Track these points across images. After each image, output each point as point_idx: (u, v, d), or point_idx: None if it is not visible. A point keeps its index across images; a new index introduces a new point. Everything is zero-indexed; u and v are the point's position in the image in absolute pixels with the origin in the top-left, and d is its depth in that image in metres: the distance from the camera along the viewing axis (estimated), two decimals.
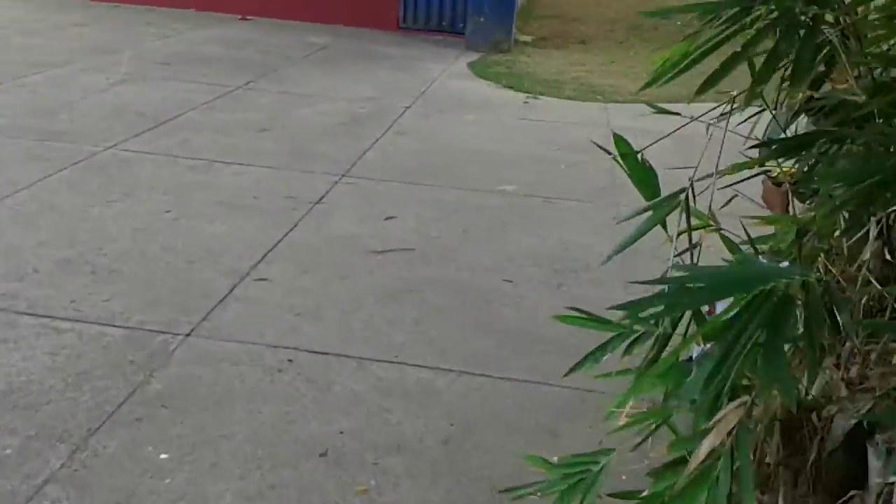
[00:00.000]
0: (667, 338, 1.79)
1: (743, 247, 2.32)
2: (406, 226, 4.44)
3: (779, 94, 2.31)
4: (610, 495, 1.80)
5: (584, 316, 1.88)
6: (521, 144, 6.03)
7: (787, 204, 2.88)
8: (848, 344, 1.74)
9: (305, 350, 3.21)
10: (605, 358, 1.79)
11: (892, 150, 1.73)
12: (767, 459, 1.82)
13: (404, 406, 2.91)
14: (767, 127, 2.47)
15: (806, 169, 2.21)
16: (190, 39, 9.11)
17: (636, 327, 1.79)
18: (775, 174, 2.95)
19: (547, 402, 3.01)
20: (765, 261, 1.79)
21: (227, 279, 3.73)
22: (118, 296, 3.49)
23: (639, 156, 1.88)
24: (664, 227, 1.94)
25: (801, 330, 1.45)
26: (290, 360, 3.13)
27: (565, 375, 1.85)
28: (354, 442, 2.70)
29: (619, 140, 1.85)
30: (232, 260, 3.92)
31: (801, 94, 2.05)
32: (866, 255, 1.77)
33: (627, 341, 1.80)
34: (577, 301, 3.80)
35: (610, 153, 1.98)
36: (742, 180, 2.39)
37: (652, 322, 1.76)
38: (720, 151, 2.01)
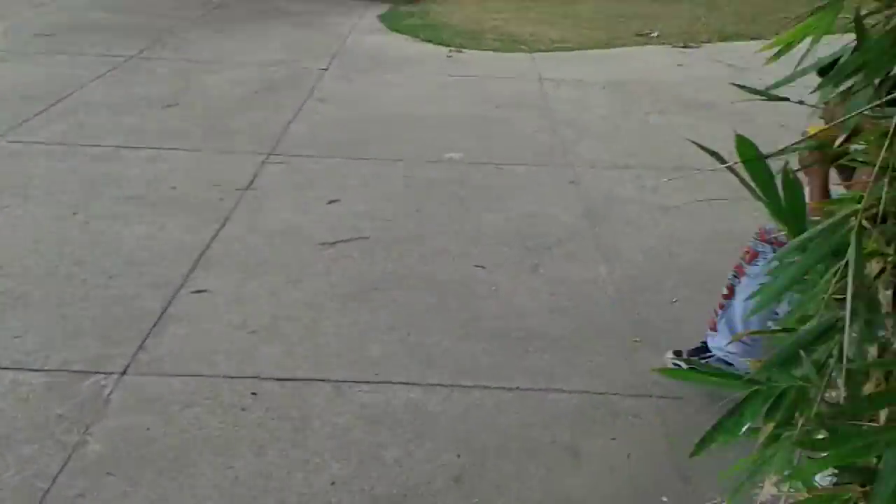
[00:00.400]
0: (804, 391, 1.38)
1: None
2: (353, 209, 3.91)
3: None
4: None
5: (697, 370, 1.43)
6: (456, 104, 5.53)
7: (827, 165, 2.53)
8: None
9: (270, 378, 2.69)
10: (744, 430, 1.34)
11: None
12: None
13: (399, 438, 2.45)
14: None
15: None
16: (69, 6, 8.09)
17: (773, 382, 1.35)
18: (813, 133, 2.58)
19: (557, 412, 2.60)
20: None
21: (159, 294, 3.14)
22: (31, 330, 2.87)
23: (781, 167, 1.42)
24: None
25: None
26: (254, 394, 2.61)
27: (692, 456, 1.35)
28: (351, 494, 2.23)
29: (744, 143, 1.38)
30: (160, 269, 3.33)
31: None
32: None
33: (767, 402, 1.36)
34: (559, 283, 3.41)
35: (723, 161, 1.53)
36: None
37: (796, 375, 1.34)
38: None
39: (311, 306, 3.11)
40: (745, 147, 1.39)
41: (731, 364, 2.71)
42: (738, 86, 2.03)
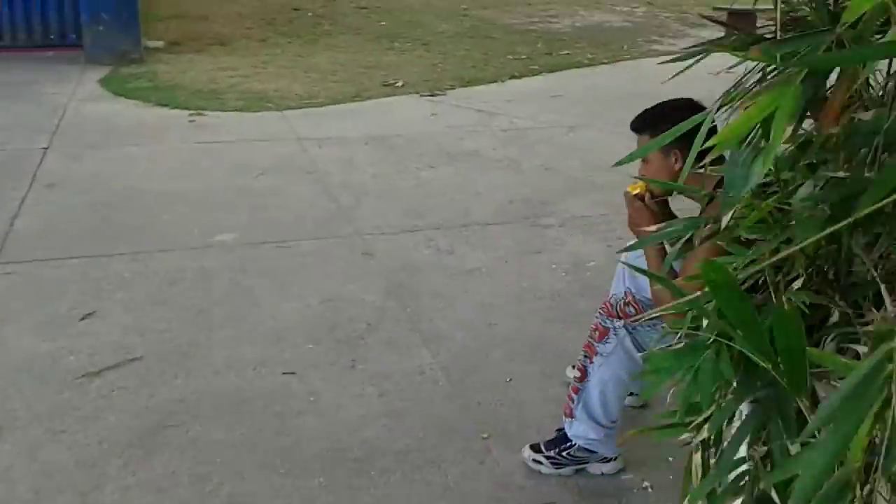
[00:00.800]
0: None
1: None
2: (116, 323, 3.17)
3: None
4: None
5: None
6: (213, 175, 4.87)
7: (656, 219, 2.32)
8: None
9: None
10: None
11: None
12: None
13: None
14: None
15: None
16: None
17: None
18: (635, 192, 2.37)
19: None
20: None
21: None
22: None
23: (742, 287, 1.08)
24: None
25: None
26: None
27: None
28: None
29: (714, 270, 1.02)
30: None
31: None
32: None
33: None
34: (384, 379, 2.92)
35: (648, 276, 1.17)
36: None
37: None
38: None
39: (84, 466, 2.38)
40: (716, 273, 1.05)
41: (594, 452, 2.42)
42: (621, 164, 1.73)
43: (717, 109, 1.48)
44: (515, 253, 3.91)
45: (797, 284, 1.59)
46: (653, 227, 2.30)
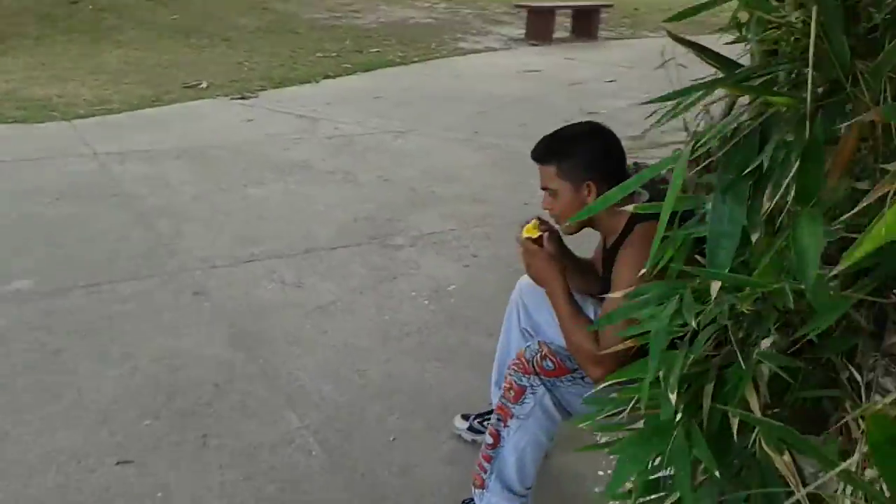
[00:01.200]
0: None
1: None
2: None
3: None
4: None
5: None
6: None
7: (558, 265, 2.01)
8: None
9: None
10: None
11: None
12: None
13: None
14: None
15: None
16: None
17: None
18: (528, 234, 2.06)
19: None
20: None
21: None
22: None
23: None
24: None
25: None
26: None
27: None
28: None
29: (875, 423, 0.71)
30: None
31: None
32: None
33: None
34: (249, 459, 2.47)
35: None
36: None
37: None
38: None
39: None
40: (880, 428, 0.76)
41: None
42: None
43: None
44: (370, 281, 3.52)
45: (766, 343, 1.37)
46: (557, 275, 2.02)
